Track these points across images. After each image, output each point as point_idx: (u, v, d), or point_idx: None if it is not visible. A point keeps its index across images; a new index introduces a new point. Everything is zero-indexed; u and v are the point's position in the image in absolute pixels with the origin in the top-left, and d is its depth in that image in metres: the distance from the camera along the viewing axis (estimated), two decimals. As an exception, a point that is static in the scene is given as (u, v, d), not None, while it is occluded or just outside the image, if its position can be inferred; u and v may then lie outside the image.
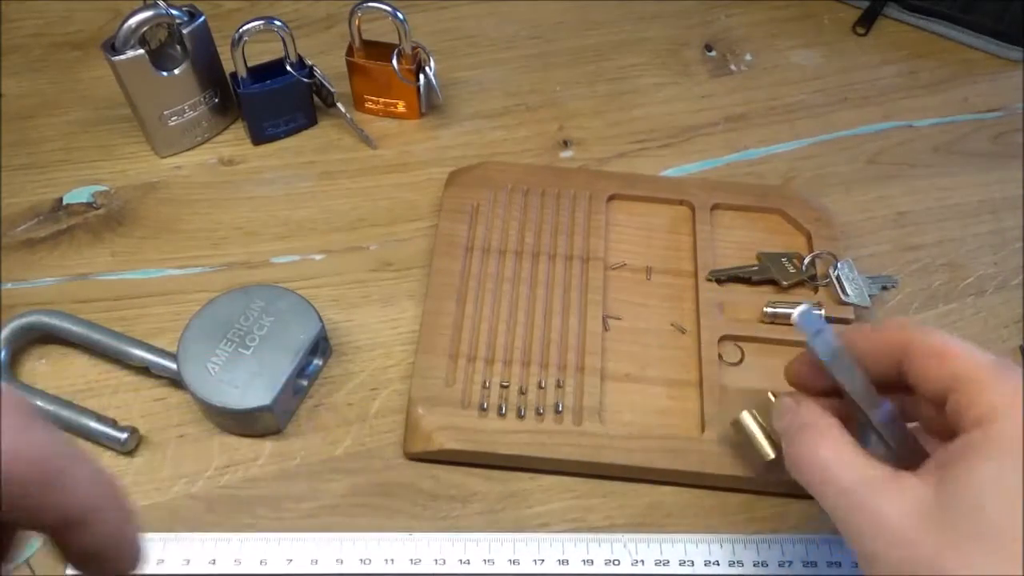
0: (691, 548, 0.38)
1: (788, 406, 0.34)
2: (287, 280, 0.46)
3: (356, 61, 0.51)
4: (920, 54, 0.59)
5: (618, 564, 0.38)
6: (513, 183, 0.48)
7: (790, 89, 0.57)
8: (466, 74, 0.57)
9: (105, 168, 0.51)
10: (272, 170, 0.51)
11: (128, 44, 0.45)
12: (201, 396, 0.38)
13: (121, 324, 0.43)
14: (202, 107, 0.50)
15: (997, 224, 0.50)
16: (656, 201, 0.49)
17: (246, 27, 0.47)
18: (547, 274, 0.45)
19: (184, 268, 0.47)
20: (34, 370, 0.43)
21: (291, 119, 0.52)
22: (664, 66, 0.58)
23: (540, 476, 0.40)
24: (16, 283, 0.46)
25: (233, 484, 0.40)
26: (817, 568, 0.38)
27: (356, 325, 0.45)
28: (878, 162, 0.53)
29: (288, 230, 0.49)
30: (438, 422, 0.39)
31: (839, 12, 0.61)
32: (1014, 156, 0.54)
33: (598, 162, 0.53)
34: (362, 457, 0.41)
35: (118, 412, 0.41)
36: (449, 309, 0.43)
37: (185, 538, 0.38)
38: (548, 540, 0.38)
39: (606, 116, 0.55)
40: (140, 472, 0.40)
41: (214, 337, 0.40)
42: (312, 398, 0.42)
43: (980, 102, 0.56)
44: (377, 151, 0.52)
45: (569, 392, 0.41)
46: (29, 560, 0.37)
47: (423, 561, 0.37)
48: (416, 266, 0.47)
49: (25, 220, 0.48)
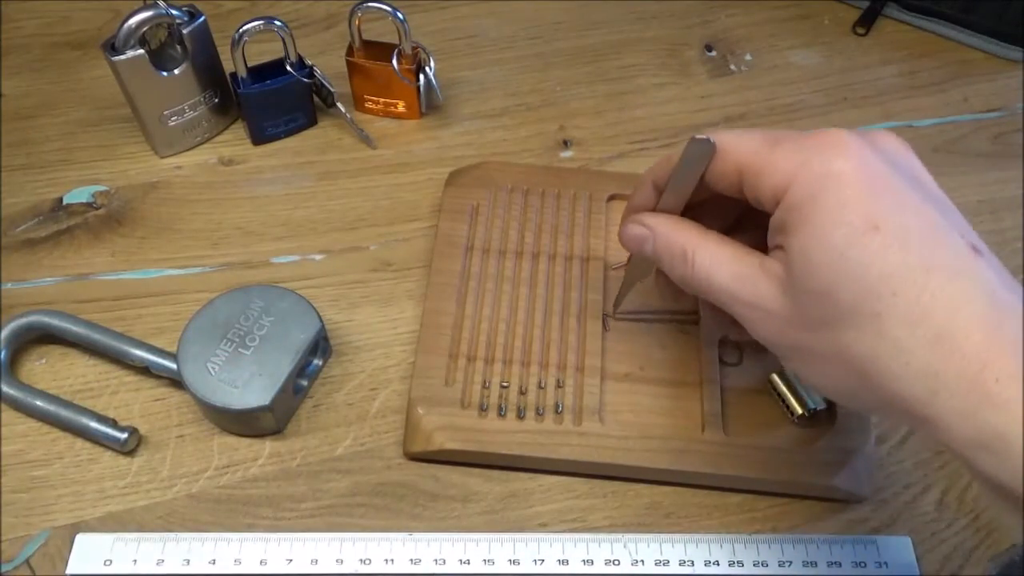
0: (691, 548, 0.38)
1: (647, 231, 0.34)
2: (287, 280, 0.46)
3: (356, 61, 0.51)
4: (920, 54, 0.59)
5: (618, 564, 0.38)
6: (513, 183, 0.48)
7: (790, 89, 0.57)
8: (466, 74, 0.56)
9: (105, 168, 0.51)
10: (272, 170, 0.51)
11: (128, 44, 0.45)
12: (201, 396, 0.38)
13: (121, 324, 0.43)
14: (202, 107, 0.50)
15: (997, 224, 0.50)
16: (656, 201, 0.49)
17: (246, 27, 0.47)
18: (547, 274, 0.45)
19: (184, 268, 0.47)
20: (34, 370, 0.43)
21: (291, 119, 0.52)
22: (664, 66, 0.58)
23: (540, 476, 0.40)
24: (16, 283, 0.46)
25: (233, 484, 0.40)
26: (817, 568, 0.38)
27: (356, 325, 0.45)
28: (878, 162, 0.53)
29: (288, 230, 0.49)
30: (438, 422, 0.39)
31: (839, 12, 0.61)
32: (1014, 156, 0.54)
33: (598, 162, 0.53)
34: (362, 457, 0.41)
35: (118, 412, 0.41)
36: (449, 309, 0.43)
37: (185, 538, 0.38)
38: (548, 540, 0.38)
39: (606, 116, 0.55)
40: (140, 472, 0.40)
41: (214, 337, 0.40)
42: (312, 398, 0.42)
43: (980, 102, 0.56)
44: (377, 151, 0.52)
45: (569, 392, 0.41)
46: (29, 560, 0.37)
47: (423, 561, 0.37)
48: (416, 266, 0.47)
49: (25, 220, 0.48)
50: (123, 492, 0.39)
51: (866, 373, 0.28)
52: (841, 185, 0.27)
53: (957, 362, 0.26)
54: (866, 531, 0.39)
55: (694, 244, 0.32)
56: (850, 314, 0.27)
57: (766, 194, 0.29)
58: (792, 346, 0.30)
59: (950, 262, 0.27)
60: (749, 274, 0.30)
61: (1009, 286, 0.27)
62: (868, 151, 0.28)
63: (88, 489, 0.39)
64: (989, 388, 0.25)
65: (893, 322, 0.26)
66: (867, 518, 0.40)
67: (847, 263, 0.27)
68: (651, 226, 0.34)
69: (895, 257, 0.27)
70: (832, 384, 0.30)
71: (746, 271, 0.31)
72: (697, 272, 0.32)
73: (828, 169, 0.28)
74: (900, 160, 0.29)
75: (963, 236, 0.28)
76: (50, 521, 0.38)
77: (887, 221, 0.27)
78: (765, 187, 0.29)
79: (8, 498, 0.39)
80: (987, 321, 0.26)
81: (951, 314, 0.26)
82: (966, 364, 0.26)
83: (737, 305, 0.31)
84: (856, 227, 0.27)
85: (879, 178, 0.28)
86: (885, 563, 0.38)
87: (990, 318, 0.26)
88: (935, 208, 0.28)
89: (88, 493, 0.39)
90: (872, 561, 0.38)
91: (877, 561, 0.38)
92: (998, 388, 0.25)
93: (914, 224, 0.27)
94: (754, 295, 0.30)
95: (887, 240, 0.27)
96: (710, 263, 0.32)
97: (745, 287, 0.31)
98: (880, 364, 0.27)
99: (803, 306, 0.29)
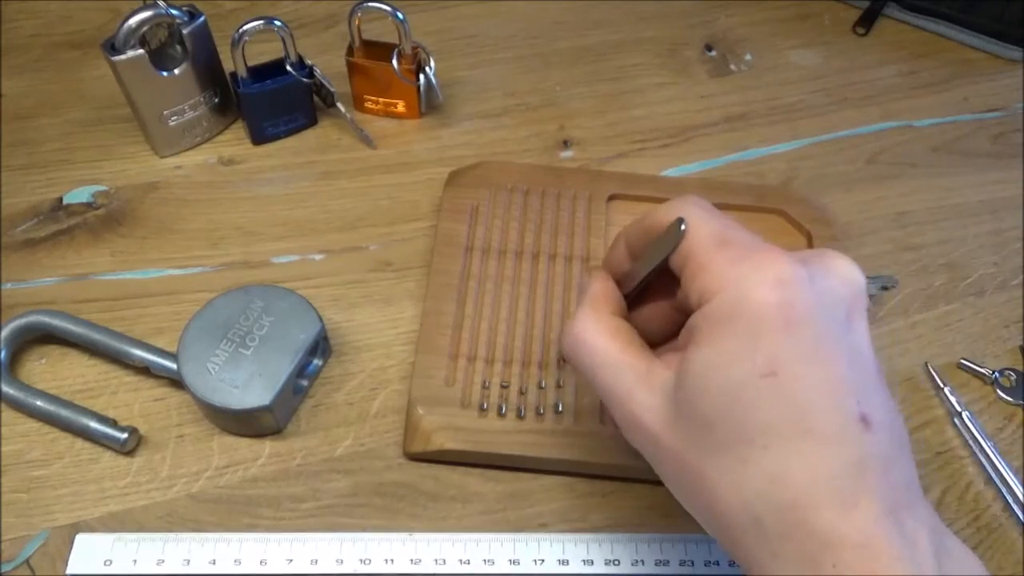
0: (691, 548, 0.38)
1: (584, 280, 0.33)
2: (287, 280, 0.46)
3: (356, 61, 0.51)
4: (920, 54, 0.59)
5: (618, 564, 0.38)
6: (513, 183, 0.48)
7: (790, 89, 0.57)
8: (466, 74, 0.57)
9: (105, 168, 0.51)
10: (272, 170, 0.51)
11: (128, 44, 0.45)
12: (201, 396, 0.38)
13: (121, 324, 0.43)
14: (202, 107, 0.50)
15: (997, 224, 0.50)
16: (656, 201, 0.48)
17: (246, 27, 0.47)
18: (547, 274, 0.45)
19: (184, 268, 0.47)
20: (34, 370, 0.43)
21: (291, 119, 0.52)
22: (664, 66, 0.58)
23: (540, 476, 0.40)
24: (16, 283, 0.46)
25: (233, 484, 0.40)
26: (817, 568, 0.38)
27: (356, 325, 0.45)
28: (878, 162, 0.53)
29: (288, 230, 0.49)
30: (438, 422, 0.39)
31: (839, 12, 0.61)
32: (1014, 156, 0.54)
33: (598, 162, 0.53)
34: (362, 457, 0.41)
35: (118, 412, 0.41)
36: (449, 309, 0.43)
37: (185, 538, 0.38)
38: (548, 540, 0.38)
39: (606, 116, 0.55)
40: (140, 472, 0.40)
41: (214, 337, 0.40)
42: (312, 398, 0.42)
43: (980, 102, 0.56)
44: (377, 151, 0.52)
45: (569, 392, 0.41)
46: (29, 560, 0.37)
47: (423, 561, 0.37)
48: (416, 266, 0.47)
49: (25, 220, 0.48)
50: (123, 492, 0.39)
51: (717, 514, 0.27)
52: (758, 318, 0.26)
53: (801, 536, 0.25)
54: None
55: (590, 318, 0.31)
56: (721, 450, 0.26)
57: (693, 293, 0.28)
58: (657, 461, 0.29)
59: (828, 428, 0.25)
60: (630, 380, 0.29)
61: (895, 465, 0.26)
62: (802, 284, 0.26)
63: (88, 489, 0.39)
64: (825, 572, 0.24)
65: (756, 475, 0.25)
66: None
67: (737, 402, 0.26)
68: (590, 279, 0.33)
69: (779, 411, 0.25)
70: (689, 507, 0.29)
71: (626, 375, 0.29)
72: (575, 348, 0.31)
73: (753, 296, 0.26)
74: (840, 296, 0.28)
75: (859, 403, 0.26)
76: (50, 521, 0.38)
77: (786, 369, 0.25)
78: (695, 286, 0.28)
79: (8, 498, 0.39)
80: (842, 500, 0.25)
81: (809, 484, 0.25)
82: (808, 539, 0.25)
83: (611, 406, 0.30)
84: (757, 368, 0.25)
85: (800, 318, 0.26)
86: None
87: (846, 497, 0.25)
88: (846, 364, 0.26)
89: (88, 493, 0.39)
90: (872, 561, 0.38)
91: (877, 561, 0.38)
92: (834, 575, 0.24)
93: (811, 378, 0.25)
94: (628, 402, 0.29)
95: (779, 389, 0.25)
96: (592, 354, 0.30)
97: (620, 390, 0.29)
98: (732, 515, 0.26)
99: (680, 424, 0.27)
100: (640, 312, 0.33)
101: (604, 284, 0.33)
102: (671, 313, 0.32)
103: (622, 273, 0.33)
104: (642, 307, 0.33)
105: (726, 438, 0.26)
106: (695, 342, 0.27)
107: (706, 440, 0.27)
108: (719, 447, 0.26)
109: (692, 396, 0.27)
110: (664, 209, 0.30)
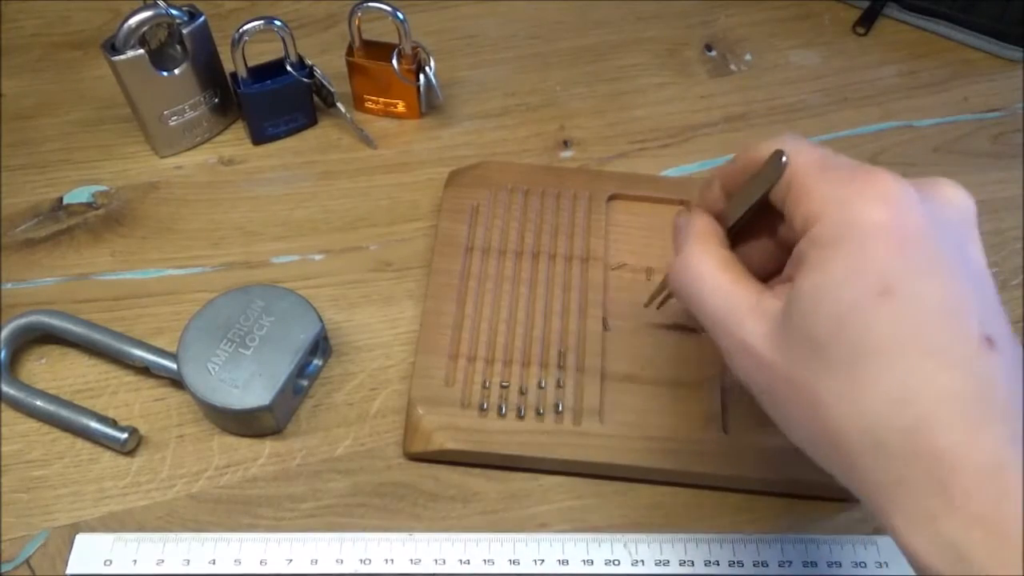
0: (691, 548, 0.38)
1: (682, 219, 0.33)
2: (287, 280, 0.46)
3: (356, 61, 0.51)
4: (920, 54, 0.59)
5: (618, 564, 0.38)
6: (513, 183, 0.48)
7: (790, 89, 0.57)
8: (466, 74, 0.57)
9: (105, 168, 0.51)
10: (272, 170, 0.51)
11: (128, 44, 0.45)
12: (201, 396, 0.38)
13: (121, 324, 0.43)
14: (202, 107, 0.50)
15: (997, 224, 0.50)
16: (656, 201, 0.49)
17: (246, 27, 0.47)
18: (547, 274, 0.45)
19: (184, 268, 0.47)
20: (34, 370, 0.43)
21: (291, 119, 0.52)
22: (664, 66, 0.58)
23: (540, 476, 0.40)
24: (16, 283, 0.46)
25: (233, 484, 0.40)
26: (817, 568, 0.38)
27: (356, 325, 0.45)
28: (878, 162, 0.53)
29: (288, 230, 0.49)
30: (438, 422, 0.39)
31: (839, 12, 0.61)
32: (1014, 156, 0.54)
33: (598, 162, 0.53)
34: (362, 457, 0.41)
35: (118, 412, 0.41)
36: (449, 309, 0.43)
37: (185, 538, 0.38)
38: (548, 540, 0.38)
39: (606, 116, 0.55)
40: (140, 472, 0.40)
41: (214, 337, 0.40)
42: (312, 398, 0.42)
43: (980, 102, 0.56)
44: (377, 151, 0.52)
45: (569, 392, 0.41)
46: (29, 560, 0.37)
47: (423, 561, 0.37)
48: (416, 266, 0.47)
49: (25, 220, 0.48)
50: (123, 492, 0.39)
51: (834, 440, 0.26)
52: (868, 238, 0.25)
53: (927, 457, 0.24)
54: (866, 531, 0.39)
55: (699, 251, 0.31)
56: (835, 372, 0.26)
57: (798, 219, 0.27)
58: (766, 388, 0.28)
59: (951, 348, 0.24)
60: (742, 309, 0.29)
61: (1018, 389, 0.25)
62: (912, 203, 0.26)
63: (88, 489, 0.39)
64: (953, 496, 0.23)
65: (876, 397, 0.25)
66: (867, 518, 0.40)
67: (850, 322, 0.25)
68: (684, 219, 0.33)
69: (897, 330, 0.25)
70: (799, 436, 0.28)
71: (738, 305, 0.29)
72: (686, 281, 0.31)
73: (861, 216, 0.25)
74: (951, 220, 0.27)
75: (982, 324, 0.25)
76: (50, 521, 0.38)
77: (902, 287, 0.25)
78: (799, 212, 0.27)
79: (8, 498, 0.39)
80: (971, 422, 0.24)
81: (934, 405, 0.24)
82: (935, 463, 0.24)
83: (720, 336, 0.30)
84: (869, 288, 0.25)
85: (912, 236, 0.25)
86: (885, 563, 0.38)
87: (974, 419, 0.24)
88: (966, 283, 0.25)
89: (88, 493, 0.39)
90: (872, 561, 0.38)
91: (877, 561, 0.38)
92: (963, 500, 0.23)
93: (930, 297, 0.25)
94: (739, 331, 0.29)
95: (895, 309, 0.25)
96: (703, 285, 0.30)
97: (731, 320, 0.29)
98: (851, 439, 0.25)
99: (792, 348, 0.27)
100: (739, 251, 0.32)
101: (707, 220, 0.32)
102: (772, 250, 0.31)
103: (715, 212, 0.33)
104: (741, 246, 0.32)
105: (841, 360, 0.25)
106: (804, 268, 0.27)
107: (820, 363, 0.26)
108: (834, 369, 0.26)
109: (804, 320, 0.26)
110: (759, 146, 0.30)
